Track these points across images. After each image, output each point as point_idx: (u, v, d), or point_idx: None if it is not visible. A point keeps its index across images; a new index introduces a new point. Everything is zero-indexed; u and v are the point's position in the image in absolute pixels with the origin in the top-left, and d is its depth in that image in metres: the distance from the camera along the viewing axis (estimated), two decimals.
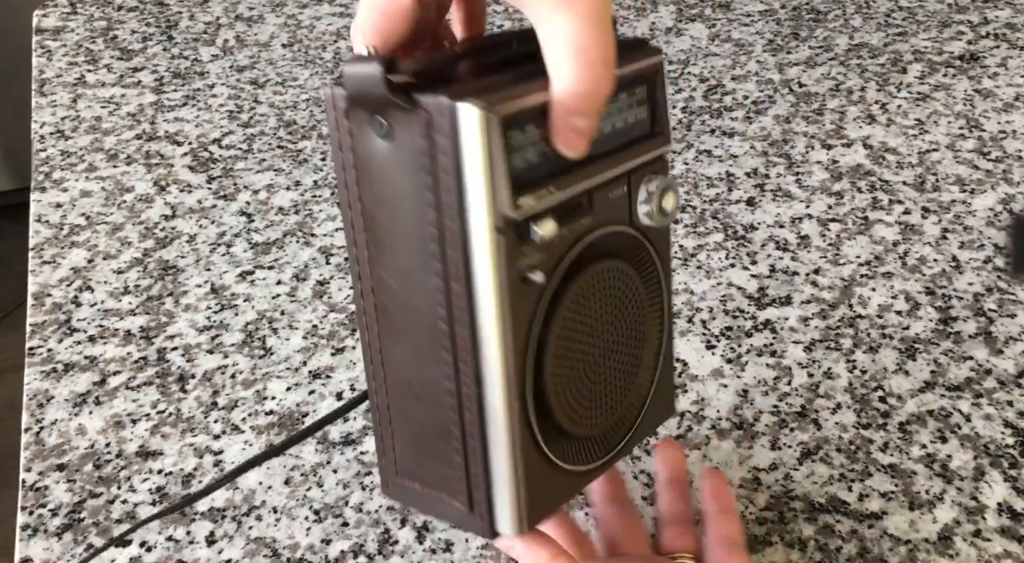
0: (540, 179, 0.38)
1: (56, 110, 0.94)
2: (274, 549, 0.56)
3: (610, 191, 0.42)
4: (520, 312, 0.39)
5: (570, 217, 0.40)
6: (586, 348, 0.42)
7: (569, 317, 0.41)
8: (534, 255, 0.39)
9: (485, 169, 0.36)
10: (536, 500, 0.42)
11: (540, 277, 0.39)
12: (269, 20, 1.10)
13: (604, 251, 0.43)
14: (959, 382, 0.65)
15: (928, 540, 0.56)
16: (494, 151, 0.36)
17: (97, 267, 0.76)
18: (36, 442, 0.62)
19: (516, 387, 0.40)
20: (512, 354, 0.39)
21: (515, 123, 0.37)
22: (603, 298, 0.43)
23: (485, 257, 0.37)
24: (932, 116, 0.92)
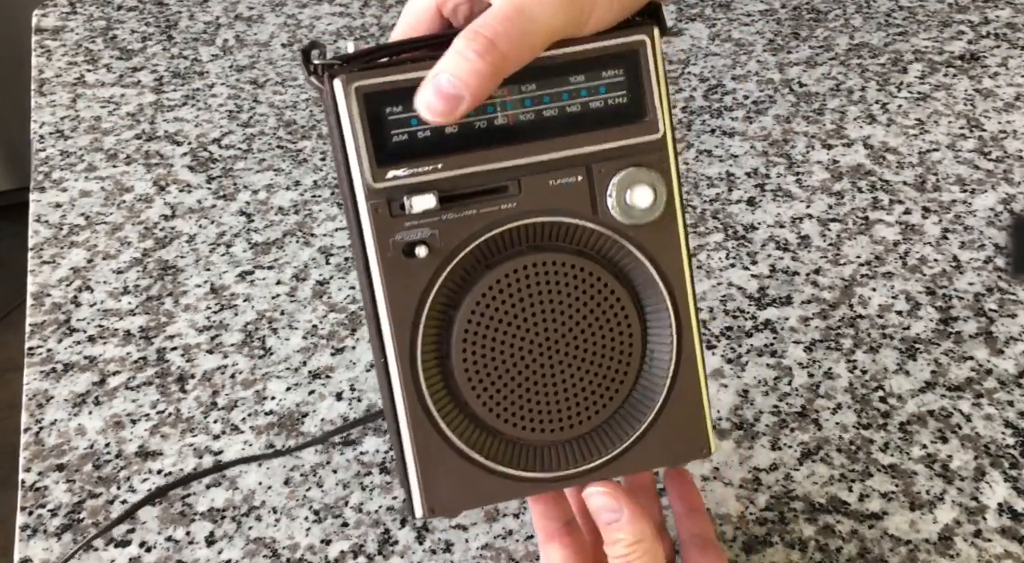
0: (426, 155, 0.39)
1: (56, 110, 0.94)
2: (274, 549, 0.56)
3: (552, 178, 0.40)
4: (401, 285, 0.40)
5: (476, 199, 0.40)
6: (513, 341, 0.41)
7: (486, 303, 0.40)
8: (420, 230, 0.39)
9: (349, 140, 0.39)
10: (439, 486, 0.42)
11: (424, 252, 0.40)
12: (269, 20, 1.10)
13: (568, 245, 0.41)
14: (959, 382, 0.65)
15: (928, 540, 0.56)
16: (355, 122, 0.38)
17: (97, 267, 0.76)
18: (35, 442, 0.62)
19: (405, 363, 0.40)
20: (396, 326, 0.40)
21: (388, 97, 0.38)
22: (542, 293, 0.41)
23: (365, 226, 0.39)
24: (933, 116, 0.92)
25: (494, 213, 0.40)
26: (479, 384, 0.41)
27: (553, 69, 0.39)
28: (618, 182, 0.40)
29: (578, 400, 0.42)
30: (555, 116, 0.40)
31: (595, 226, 0.41)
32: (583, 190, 0.41)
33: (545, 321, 0.41)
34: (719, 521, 0.57)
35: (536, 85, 0.40)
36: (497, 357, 0.41)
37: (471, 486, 0.42)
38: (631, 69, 0.40)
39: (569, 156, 0.40)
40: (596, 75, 0.40)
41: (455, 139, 0.39)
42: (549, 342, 0.41)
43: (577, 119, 0.40)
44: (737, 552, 0.55)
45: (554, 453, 0.43)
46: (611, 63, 0.40)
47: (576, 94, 0.40)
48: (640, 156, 0.41)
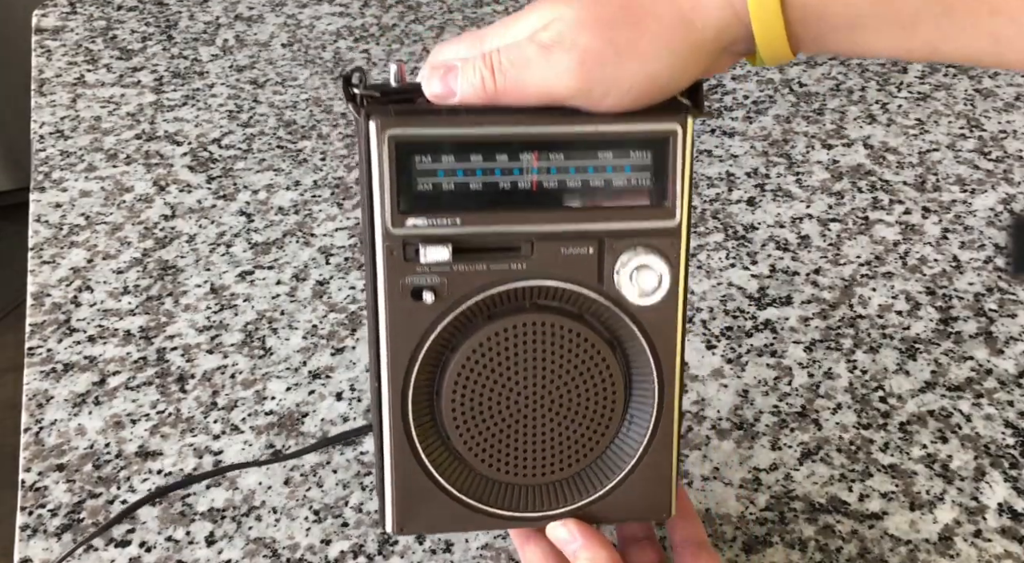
0: (448, 208, 0.40)
1: (55, 110, 0.94)
2: (274, 549, 0.56)
3: (564, 247, 0.41)
4: (404, 324, 0.42)
5: (489, 255, 0.41)
6: (500, 390, 0.43)
7: (482, 352, 0.42)
8: (429, 276, 0.41)
9: (376, 181, 0.40)
10: (409, 509, 0.45)
11: (430, 298, 0.41)
12: (269, 20, 1.10)
13: (568, 307, 0.42)
14: (959, 382, 0.65)
15: (929, 540, 0.56)
16: (383, 166, 0.39)
17: (97, 267, 0.76)
18: (35, 442, 0.62)
19: (396, 394, 0.43)
20: (393, 360, 0.42)
21: (419, 147, 0.39)
22: (535, 349, 0.42)
23: (379, 263, 0.41)
24: (932, 116, 0.92)
25: (503, 271, 0.41)
26: (463, 424, 0.43)
27: (584, 143, 0.40)
28: (627, 262, 0.42)
29: (554, 452, 0.44)
30: (578, 187, 0.41)
31: (598, 297, 0.42)
32: (592, 261, 0.42)
33: (534, 376, 0.43)
34: (719, 521, 0.57)
35: (564, 155, 0.40)
36: (484, 402, 0.43)
37: (440, 513, 0.45)
38: (659, 155, 0.41)
39: (584, 230, 0.41)
40: (624, 154, 0.41)
41: (477, 196, 0.40)
42: (535, 396, 0.43)
43: (598, 193, 0.41)
44: (737, 552, 0.55)
45: (524, 496, 0.45)
46: (641, 145, 0.41)
47: (602, 169, 0.41)
48: (653, 239, 0.42)
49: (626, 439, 0.45)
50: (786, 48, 0.39)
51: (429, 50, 1.02)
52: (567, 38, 0.38)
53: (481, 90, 0.39)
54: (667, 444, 0.45)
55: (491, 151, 0.40)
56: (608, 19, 0.38)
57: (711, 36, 0.39)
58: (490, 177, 0.40)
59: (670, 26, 0.38)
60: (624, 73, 0.38)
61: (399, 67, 0.41)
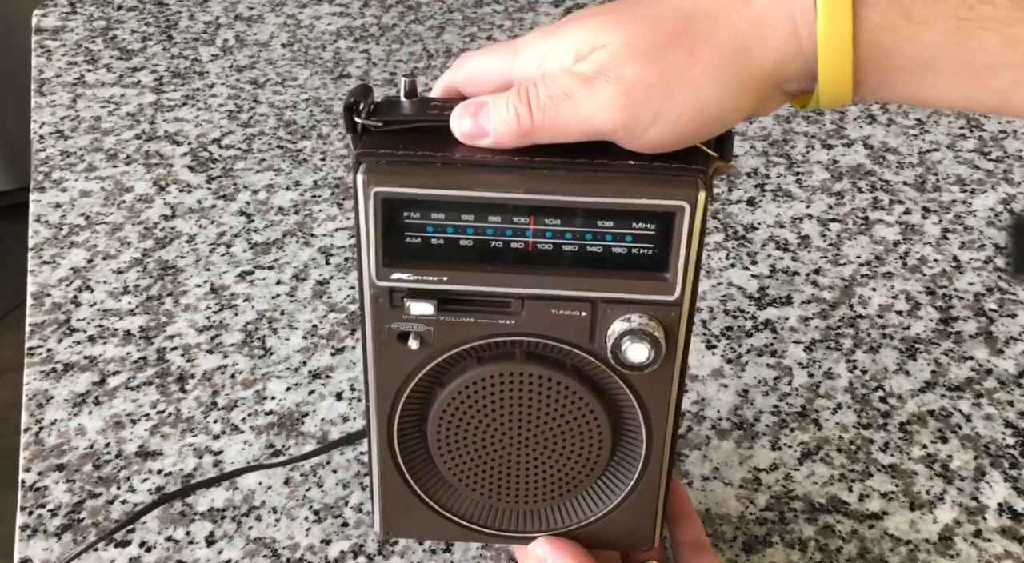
0: (436, 263, 0.40)
1: (55, 110, 0.94)
2: (274, 549, 0.56)
3: (555, 308, 0.40)
4: (389, 365, 0.42)
5: (476, 309, 0.41)
6: (483, 427, 0.43)
7: (468, 392, 0.42)
8: (414, 324, 0.41)
9: (364, 232, 0.39)
10: (394, 517, 0.47)
11: (416, 344, 0.41)
12: (269, 20, 1.10)
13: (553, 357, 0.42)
14: (959, 382, 0.65)
15: (928, 540, 0.56)
16: (369, 219, 0.39)
17: (97, 267, 0.76)
18: (35, 442, 0.62)
19: (383, 422, 0.44)
20: (379, 394, 0.43)
21: (407, 203, 0.38)
22: (520, 394, 0.42)
23: (365, 307, 0.41)
24: (932, 116, 0.92)
25: (492, 324, 0.41)
26: (448, 453, 0.44)
27: (584, 211, 0.38)
28: (619, 331, 0.40)
29: (537, 487, 0.45)
30: (574, 252, 0.39)
31: (588, 356, 0.42)
32: (584, 323, 0.41)
33: (521, 421, 0.43)
34: (719, 521, 0.57)
35: (561, 221, 0.39)
36: (468, 437, 0.44)
37: (425, 524, 0.47)
38: (663, 228, 0.38)
39: (577, 295, 0.40)
40: (626, 224, 0.39)
41: (466, 252, 0.39)
42: (519, 437, 0.44)
43: (595, 260, 0.39)
44: (737, 552, 0.55)
45: (508, 516, 0.46)
46: (645, 218, 0.38)
47: (600, 237, 0.39)
48: (649, 309, 0.40)
49: (612, 480, 0.45)
50: (848, 89, 0.36)
51: (429, 50, 1.03)
52: (612, 69, 0.36)
53: (516, 128, 0.37)
54: (653, 485, 0.45)
55: (483, 213, 0.38)
56: (661, 46, 0.36)
57: (770, 69, 0.36)
58: (481, 236, 0.39)
59: (727, 54, 0.36)
60: (673, 104, 0.36)
61: (411, 83, 0.40)
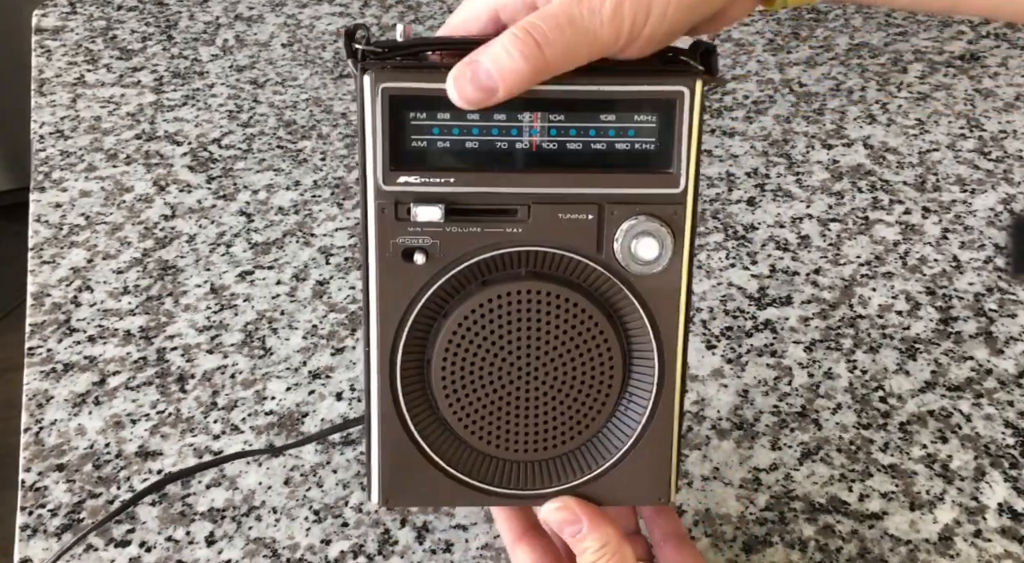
0: (443, 167, 0.39)
1: (55, 110, 0.94)
2: (274, 549, 0.56)
3: (562, 211, 0.40)
4: (394, 286, 0.40)
5: (483, 217, 0.40)
6: (492, 360, 0.41)
7: (474, 319, 0.40)
8: (421, 237, 0.40)
9: (369, 136, 0.38)
10: (396, 481, 0.43)
11: (421, 259, 0.40)
12: (269, 20, 1.10)
13: (563, 275, 0.41)
14: (959, 382, 0.65)
15: (929, 540, 0.56)
16: (376, 121, 0.38)
17: (97, 267, 0.76)
18: (35, 442, 0.62)
19: (385, 361, 0.41)
20: (381, 324, 0.41)
21: (420, 103, 0.38)
22: (531, 319, 0.41)
23: (370, 222, 0.40)
24: (933, 116, 0.92)
25: (498, 234, 0.40)
26: (453, 394, 0.42)
27: (586, 103, 0.39)
28: (627, 229, 0.40)
29: (549, 427, 0.43)
30: (578, 150, 0.39)
31: (597, 266, 0.41)
32: (591, 228, 0.40)
33: (530, 347, 0.41)
34: (719, 521, 0.57)
35: (565, 117, 0.39)
36: (475, 372, 0.42)
37: (428, 486, 0.43)
38: (664, 118, 0.39)
39: (584, 193, 0.40)
40: (628, 117, 0.39)
41: (473, 155, 0.39)
42: (529, 367, 0.42)
43: (600, 157, 0.39)
44: (737, 552, 0.55)
45: (516, 472, 0.44)
46: (646, 108, 0.39)
47: (604, 132, 0.39)
48: (655, 207, 0.40)
49: (624, 417, 0.43)
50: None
51: None
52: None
53: (529, 70, 0.36)
54: (667, 424, 0.43)
55: (489, 111, 0.38)
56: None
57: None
58: (487, 136, 0.39)
59: None
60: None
61: (405, 27, 0.40)
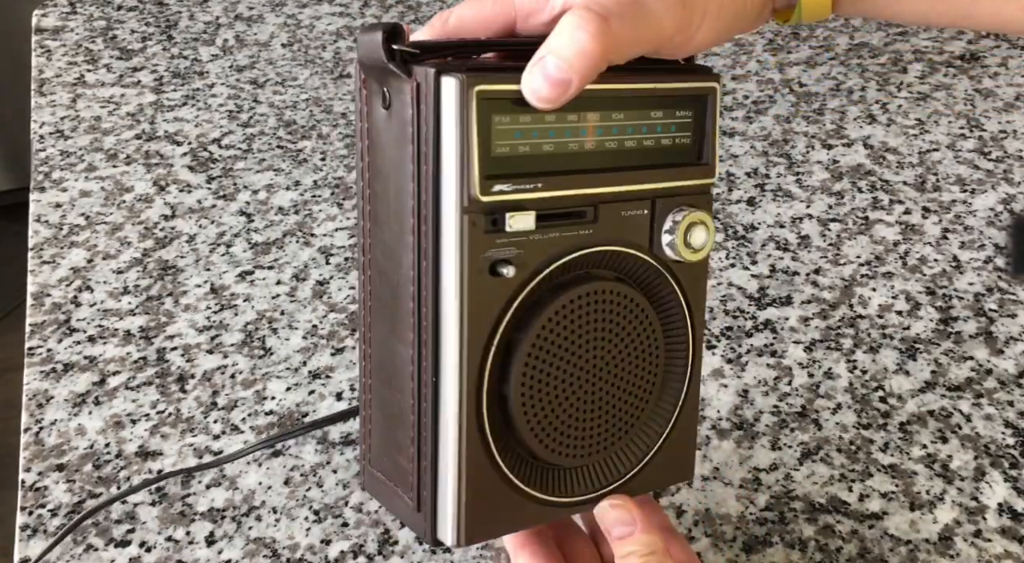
0: (529, 172, 0.38)
1: (56, 110, 0.94)
2: (274, 549, 0.56)
3: (624, 209, 0.40)
4: (484, 304, 0.38)
5: (563, 221, 0.39)
6: (567, 368, 0.40)
7: (550, 328, 0.39)
8: (508, 248, 0.38)
9: (459, 144, 0.36)
10: (480, 513, 0.40)
11: (511, 272, 0.38)
12: (269, 20, 1.10)
13: (615, 272, 0.41)
14: (959, 382, 0.65)
15: (928, 540, 0.56)
16: (469, 127, 0.36)
17: (97, 267, 0.76)
18: (35, 442, 0.62)
19: (472, 384, 0.38)
20: (470, 346, 0.38)
21: (502, 106, 0.36)
22: (598, 320, 0.41)
23: (452, 237, 0.37)
24: (932, 116, 0.92)
25: (573, 237, 0.40)
26: (531, 409, 0.40)
27: (640, 100, 0.40)
28: (681, 220, 0.41)
29: (610, 425, 0.43)
30: (634, 148, 0.40)
31: (649, 259, 0.42)
32: (645, 223, 0.41)
33: (595, 348, 0.41)
34: (719, 521, 0.57)
35: (624, 115, 0.40)
36: (550, 382, 0.40)
37: (505, 513, 0.41)
38: (699, 113, 0.41)
39: (640, 190, 0.41)
40: (672, 113, 0.41)
41: (549, 158, 0.39)
42: (595, 368, 0.41)
43: (649, 154, 0.41)
44: (737, 552, 0.55)
45: (577, 478, 0.43)
46: (685, 104, 0.41)
47: (653, 129, 0.41)
48: (695, 198, 0.42)
49: (662, 405, 0.44)
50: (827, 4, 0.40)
51: None
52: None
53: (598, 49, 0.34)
54: (694, 406, 0.45)
55: (562, 110, 0.38)
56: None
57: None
58: (561, 138, 0.39)
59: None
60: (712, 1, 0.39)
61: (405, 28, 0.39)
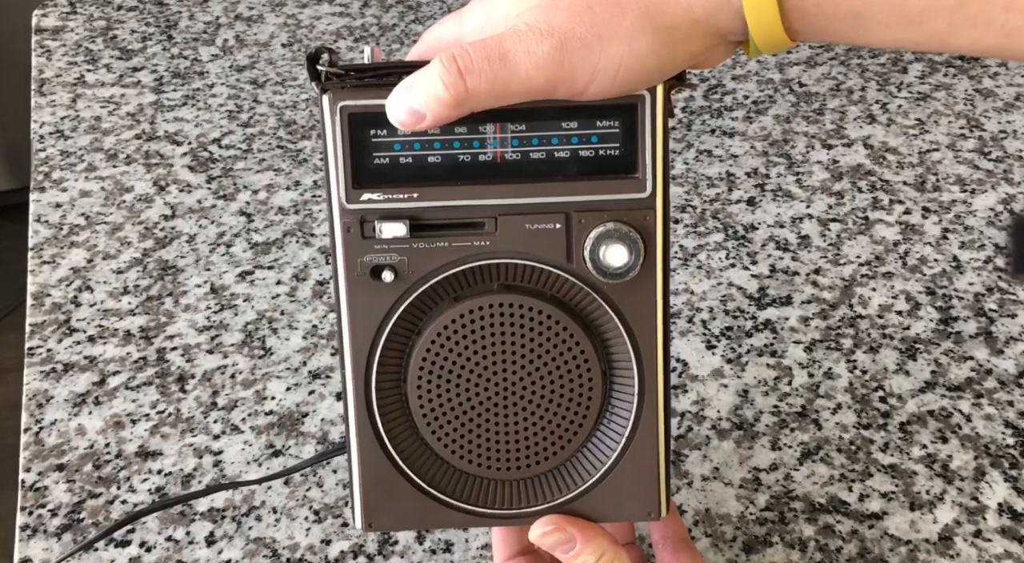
0: (406, 182, 0.39)
1: (56, 110, 0.94)
2: (274, 549, 0.56)
3: (530, 222, 0.40)
4: (366, 305, 0.40)
5: (449, 231, 0.40)
6: (467, 375, 0.41)
7: (446, 335, 0.40)
8: (388, 254, 0.40)
9: (332, 156, 0.39)
10: (377, 502, 0.43)
11: (389, 277, 0.40)
12: (269, 20, 1.10)
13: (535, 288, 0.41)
14: (959, 382, 0.65)
15: (928, 540, 0.56)
16: (337, 140, 0.39)
17: (97, 267, 0.76)
18: (35, 442, 0.62)
19: (361, 380, 0.41)
20: (354, 345, 0.41)
21: (373, 120, 0.38)
22: (505, 332, 0.40)
23: (337, 243, 0.40)
24: (933, 116, 0.92)
25: (466, 248, 0.40)
26: (431, 413, 0.42)
27: (546, 112, 0.39)
28: (595, 237, 0.40)
29: (529, 444, 0.42)
30: (542, 159, 0.39)
31: (567, 276, 0.40)
32: (560, 237, 0.40)
33: (506, 362, 0.41)
34: (719, 521, 0.57)
35: (526, 126, 0.39)
36: (452, 390, 0.41)
37: (412, 509, 0.43)
38: (627, 123, 0.39)
39: (550, 203, 0.40)
40: (590, 124, 0.39)
41: (436, 168, 0.39)
42: (507, 383, 0.41)
43: (564, 165, 0.39)
44: (737, 552, 0.55)
45: (501, 491, 0.43)
46: (607, 114, 0.39)
47: (567, 140, 0.39)
48: (624, 213, 0.40)
49: (608, 430, 0.43)
50: (782, 38, 0.37)
51: None
52: (543, 22, 0.35)
53: (449, 99, 0.35)
54: (652, 436, 0.43)
55: (449, 125, 0.38)
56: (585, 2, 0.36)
57: (700, 18, 0.37)
58: (449, 150, 0.39)
59: (652, 4, 0.36)
60: (610, 58, 0.36)
61: (373, 50, 0.40)
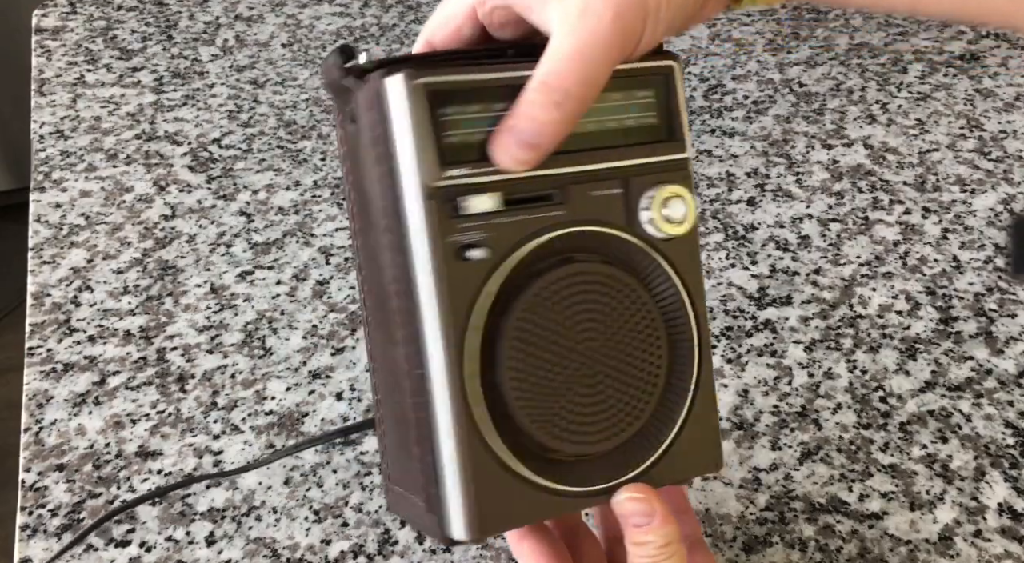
0: (484, 157, 0.39)
1: (56, 110, 0.94)
2: (274, 549, 0.56)
3: (595, 188, 0.41)
4: (456, 289, 0.38)
5: (528, 204, 0.40)
6: (558, 352, 0.40)
7: (533, 311, 0.39)
8: (474, 232, 0.38)
9: (409, 136, 0.38)
10: (488, 505, 0.39)
11: (480, 254, 0.38)
12: (269, 20, 1.10)
13: (602, 256, 0.41)
14: (959, 382, 0.65)
15: (928, 540, 0.56)
16: (415, 118, 0.37)
17: (97, 267, 0.76)
18: (36, 442, 0.62)
19: (455, 373, 0.38)
20: (448, 334, 0.38)
21: (449, 96, 0.38)
22: (585, 302, 0.40)
23: (417, 227, 0.38)
24: (933, 116, 0.92)
25: (543, 219, 0.40)
26: (524, 395, 0.40)
27: None
28: (655, 195, 0.42)
29: (614, 411, 0.42)
30: (596, 130, 0.41)
31: (631, 238, 0.42)
32: (620, 201, 0.42)
33: (588, 331, 0.41)
34: (719, 521, 0.57)
35: None
36: (545, 367, 0.40)
37: (517, 504, 0.40)
38: (661, 91, 0.42)
39: (611, 168, 0.41)
40: (631, 94, 0.42)
41: None
42: (590, 353, 0.41)
43: (615, 134, 0.42)
44: (737, 552, 0.55)
45: (590, 468, 0.42)
46: (645, 84, 0.42)
47: (614, 111, 0.41)
48: (670, 173, 0.43)
49: (675, 389, 0.43)
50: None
51: None
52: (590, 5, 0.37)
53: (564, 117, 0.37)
54: (710, 390, 0.44)
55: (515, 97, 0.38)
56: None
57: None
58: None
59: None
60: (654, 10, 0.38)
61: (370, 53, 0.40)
